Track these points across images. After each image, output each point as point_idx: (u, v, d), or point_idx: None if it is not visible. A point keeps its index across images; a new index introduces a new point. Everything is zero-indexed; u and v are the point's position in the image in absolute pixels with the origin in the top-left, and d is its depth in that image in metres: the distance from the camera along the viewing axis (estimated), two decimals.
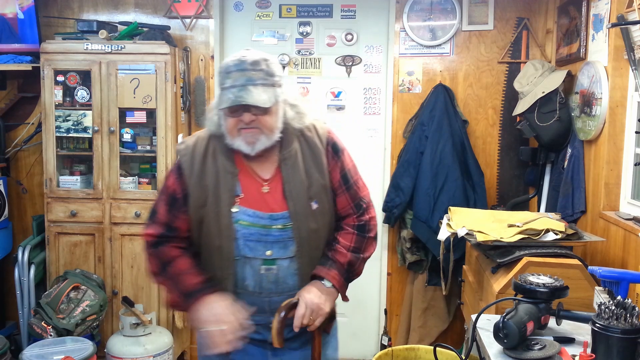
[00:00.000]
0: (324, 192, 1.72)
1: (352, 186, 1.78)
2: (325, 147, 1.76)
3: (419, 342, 3.41)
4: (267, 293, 1.70)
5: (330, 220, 1.76)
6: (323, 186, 1.71)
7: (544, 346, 1.48)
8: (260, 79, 1.61)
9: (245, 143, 1.64)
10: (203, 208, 1.68)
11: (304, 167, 1.70)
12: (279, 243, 1.68)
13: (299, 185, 1.68)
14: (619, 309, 1.40)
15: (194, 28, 3.67)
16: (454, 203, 3.14)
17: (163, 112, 3.34)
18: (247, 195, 1.68)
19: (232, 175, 1.68)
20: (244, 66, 1.61)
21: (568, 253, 2.21)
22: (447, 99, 3.45)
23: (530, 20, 3.47)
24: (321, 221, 1.71)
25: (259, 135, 1.64)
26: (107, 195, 3.41)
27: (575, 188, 2.79)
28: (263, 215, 1.67)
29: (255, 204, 1.68)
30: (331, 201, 1.75)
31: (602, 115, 2.56)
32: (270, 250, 1.68)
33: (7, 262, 3.65)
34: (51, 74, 3.37)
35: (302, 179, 1.69)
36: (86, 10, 3.70)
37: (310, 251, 1.71)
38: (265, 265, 1.68)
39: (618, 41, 2.45)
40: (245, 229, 1.67)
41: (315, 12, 3.69)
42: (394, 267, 3.72)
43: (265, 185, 1.70)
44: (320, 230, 1.72)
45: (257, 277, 1.69)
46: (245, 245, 1.67)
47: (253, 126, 1.63)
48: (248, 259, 1.68)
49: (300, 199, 1.68)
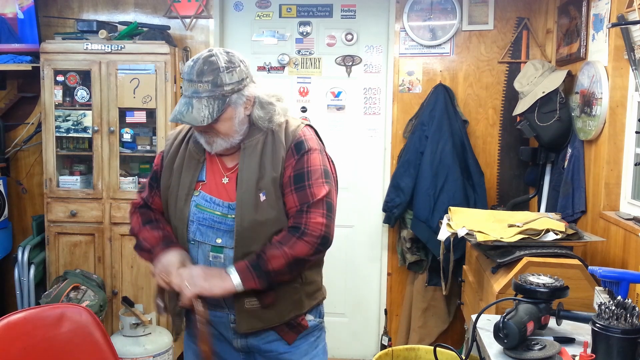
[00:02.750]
0: (273, 185, 1.66)
1: (305, 189, 1.67)
2: (290, 144, 1.70)
3: (419, 342, 3.40)
4: None
5: (278, 216, 1.66)
6: (273, 179, 1.66)
7: (544, 346, 1.48)
8: (206, 91, 1.59)
9: (205, 142, 1.69)
10: (168, 189, 1.75)
11: (259, 159, 1.67)
12: (230, 232, 1.67)
13: (251, 175, 1.66)
14: (619, 309, 1.40)
15: (194, 28, 3.67)
16: (454, 203, 3.14)
17: (163, 112, 3.34)
18: (210, 182, 1.72)
19: (196, 162, 1.73)
20: (192, 77, 1.60)
21: (568, 253, 2.21)
22: (447, 99, 3.45)
23: (530, 20, 3.47)
24: (267, 214, 1.64)
25: (215, 138, 1.67)
26: (107, 195, 3.41)
27: (576, 188, 2.79)
28: (221, 203, 1.68)
29: (215, 191, 1.70)
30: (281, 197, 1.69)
31: (602, 115, 2.56)
32: (220, 239, 1.68)
33: (7, 262, 3.64)
34: (51, 74, 3.37)
35: (255, 170, 1.66)
36: (86, 10, 3.70)
37: (251, 244, 1.64)
38: (213, 252, 1.69)
39: (618, 41, 2.45)
40: (200, 213, 1.69)
41: (315, 12, 3.69)
42: (394, 267, 3.72)
43: (225, 175, 1.72)
44: (265, 224, 1.64)
45: (206, 264, 1.70)
46: (197, 230, 1.69)
47: (207, 131, 1.66)
48: (199, 243, 1.70)
49: (249, 189, 1.64)
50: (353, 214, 3.75)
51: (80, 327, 1.81)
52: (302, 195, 1.66)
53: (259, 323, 1.70)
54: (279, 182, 1.67)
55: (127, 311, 3.20)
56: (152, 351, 3.09)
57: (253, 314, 1.69)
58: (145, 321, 3.12)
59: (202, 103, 1.59)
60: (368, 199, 3.75)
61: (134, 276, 3.45)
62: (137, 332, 3.11)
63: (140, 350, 3.07)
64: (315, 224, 1.65)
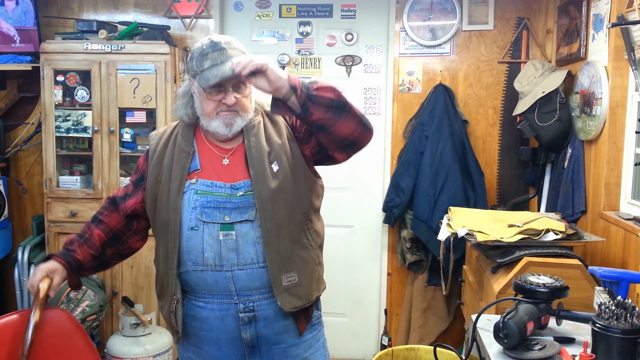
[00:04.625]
0: (284, 155, 1.71)
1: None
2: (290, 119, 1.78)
3: (419, 342, 3.41)
4: (228, 266, 1.66)
5: (293, 182, 1.70)
6: (282, 149, 1.71)
7: (544, 346, 1.48)
8: (238, 55, 1.62)
9: (224, 125, 1.68)
10: (158, 186, 1.74)
11: (264, 135, 1.72)
12: (238, 209, 1.66)
13: (260, 151, 1.69)
14: (619, 309, 1.40)
15: (194, 28, 3.67)
16: (454, 203, 3.14)
17: (163, 112, 3.34)
18: (207, 168, 1.72)
19: (186, 154, 1.73)
20: (220, 46, 1.63)
21: (568, 253, 2.21)
22: (447, 99, 3.45)
23: (530, 20, 3.47)
24: (283, 182, 1.68)
25: (236, 118, 1.68)
26: (107, 195, 3.40)
27: (576, 188, 2.79)
28: (223, 185, 1.69)
29: (214, 176, 1.70)
30: (295, 163, 1.72)
31: (602, 115, 2.56)
32: (228, 216, 1.66)
33: (7, 262, 3.64)
34: (51, 74, 3.37)
35: (263, 145, 1.70)
36: (86, 10, 3.70)
37: (274, 212, 1.65)
38: (223, 230, 1.65)
39: (618, 41, 2.45)
40: (203, 197, 1.68)
41: (315, 12, 3.69)
42: (394, 267, 3.72)
43: (225, 157, 1.73)
44: (283, 191, 1.67)
45: (216, 246, 1.65)
46: (202, 212, 1.67)
47: (232, 109, 1.66)
48: (205, 223, 1.66)
49: (262, 164, 1.67)
50: (353, 214, 3.75)
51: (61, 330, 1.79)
52: None
53: (299, 301, 1.70)
54: (290, 152, 1.72)
55: (127, 311, 3.20)
56: (152, 351, 3.09)
57: (292, 292, 1.69)
58: (145, 321, 3.12)
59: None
60: (368, 199, 3.75)
61: (134, 276, 3.45)
62: (137, 332, 3.11)
63: (140, 350, 3.07)
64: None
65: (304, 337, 1.79)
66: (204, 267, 1.67)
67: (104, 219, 1.84)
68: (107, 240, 1.83)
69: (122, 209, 1.83)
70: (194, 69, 1.66)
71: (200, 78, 1.63)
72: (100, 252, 1.82)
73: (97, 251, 1.81)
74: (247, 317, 1.70)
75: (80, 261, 1.79)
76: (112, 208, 1.85)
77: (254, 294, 1.69)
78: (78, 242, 1.80)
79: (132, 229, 1.86)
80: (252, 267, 1.67)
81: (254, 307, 1.70)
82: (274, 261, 1.65)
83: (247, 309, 1.69)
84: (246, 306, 1.69)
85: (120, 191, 1.88)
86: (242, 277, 1.67)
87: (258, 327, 1.72)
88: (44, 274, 1.72)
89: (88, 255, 1.80)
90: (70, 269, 1.76)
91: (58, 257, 1.77)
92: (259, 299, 1.70)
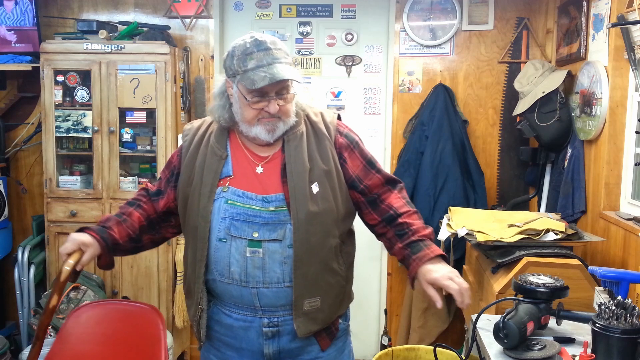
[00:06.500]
0: (326, 177, 1.64)
1: (381, 169, 1.78)
2: (335, 135, 1.72)
3: (419, 342, 3.40)
4: (254, 282, 1.60)
5: (334, 207, 1.65)
6: (325, 171, 1.64)
7: (544, 346, 1.48)
8: (283, 57, 1.58)
9: (266, 131, 1.62)
10: (189, 187, 1.68)
11: (306, 150, 1.64)
12: (267, 225, 1.60)
13: (300, 167, 1.61)
14: (619, 309, 1.40)
15: (193, 28, 3.67)
16: (454, 203, 3.14)
17: (163, 112, 3.34)
18: (239, 176, 1.65)
19: (218, 158, 1.66)
20: (266, 45, 1.56)
21: (568, 253, 2.21)
22: (447, 99, 3.45)
23: (530, 20, 3.47)
24: (322, 206, 1.61)
25: (279, 123, 1.62)
26: (107, 195, 3.41)
27: (576, 188, 2.79)
28: (255, 197, 1.62)
29: (246, 185, 1.63)
30: (337, 188, 1.67)
31: (602, 115, 2.55)
32: (257, 232, 1.60)
33: (7, 262, 3.64)
34: (51, 74, 3.37)
35: (304, 161, 1.62)
36: (86, 10, 3.70)
37: (308, 237, 1.59)
38: (250, 247, 1.60)
39: (618, 41, 2.45)
40: (233, 208, 1.61)
41: (315, 12, 3.69)
42: (394, 267, 3.71)
43: (260, 165, 1.66)
44: (320, 215, 1.61)
45: (242, 262, 1.60)
46: (231, 225, 1.61)
47: (275, 116, 1.60)
48: (234, 237, 1.60)
49: (301, 181, 1.60)
50: None
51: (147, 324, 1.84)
52: (384, 174, 1.78)
53: (315, 325, 1.66)
54: (334, 175, 1.67)
55: None
56: None
57: (311, 317, 1.64)
58: None
59: (284, 67, 1.57)
60: None
61: (134, 276, 3.45)
62: None
63: None
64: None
65: (327, 352, 1.75)
66: (230, 280, 1.63)
67: (143, 205, 1.77)
68: (146, 225, 1.76)
69: (155, 206, 1.78)
70: (235, 68, 1.58)
71: (244, 78, 1.56)
72: (138, 234, 1.75)
73: (135, 233, 1.73)
74: (271, 331, 1.66)
75: (117, 240, 1.69)
76: (149, 198, 1.79)
77: (278, 311, 1.65)
78: (115, 221, 1.71)
79: (169, 223, 1.80)
80: (277, 286, 1.62)
81: (278, 322, 1.66)
82: (300, 285, 1.61)
83: (271, 323, 1.65)
84: (270, 321, 1.65)
85: (153, 187, 1.82)
86: (267, 295, 1.62)
87: (281, 342, 1.67)
88: (76, 247, 1.61)
89: (126, 235, 1.71)
90: (106, 246, 1.66)
91: (93, 232, 1.65)
92: (283, 314, 1.65)
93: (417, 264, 1.64)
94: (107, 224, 1.70)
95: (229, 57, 1.62)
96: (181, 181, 1.71)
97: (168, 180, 1.78)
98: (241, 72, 1.57)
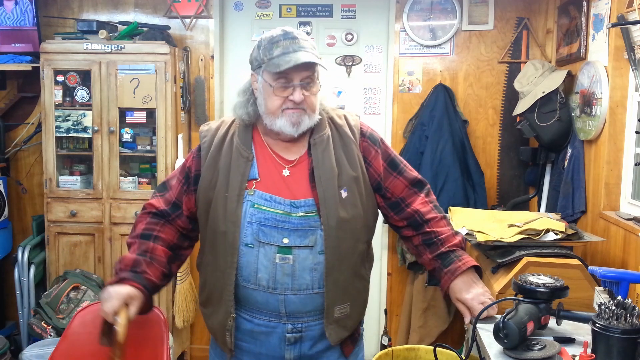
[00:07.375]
0: (355, 183, 1.61)
1: (404, 170, 1.76)
2: (359, 138, 1.71)
3: (419, 342, 3.40)
4: (282, 289, 1.57)
5: (362, 213, 1.63)
6: (353, 177, 1.61)
7: (544, 346, 1.47)
8: (310, 47, 1.57)
9: (290, 124, 1.57)
10: (213, 190, 1.62)
11: (334, 154, 1.61)
12: (297, 231, 1.56)
13: (329, 172, 1.58)
14: (619, 309, 1.39)
15: (193, 28, 3.67)
16: (454, 203, 3.14)
17: (163, 112, 3.34)
18: (265, 179, 1.60)
19: (245, 160, 1.61)
20: (293, 35, 1.56)
21: (568, 253, 2.21)
22: (447, 99, 3.45)
23: (530, 20, 3.47)
24: (351, 211, 1.59)
25: (304, 116, 1.58)
26: (107, 195, 3.41)
27: (576, 188, 2.79)
28: (282, 201, 1.57)
29: (273, 189, 1.59)
30: (365, 193, 1.64)
31: (602, 115, 2.55)
32: (287, 238, 1.55)
33: (7, 262, 3.64)
34: (51, 74, 3.37)
35: (332, 166, 1.59)
36: (86, 10, 3.70)
37: (339, 243, 1.56)
38: (280, 253, 1.55)
39: (618, 41, 2.45)
40: (260, 213, 1.56)
41: (315, 12, 3.69)
42: (394, 267, 3.71)
43: (286, 168, 1.62)
44: (350, 222, 1.58)
45: (271, 268, 1.55)
46: (259, 231, 1.56)
47: (299, 107, 1.56)
48: (262, 244, 1.56)
49: (330, 186, 1.57)
50: None
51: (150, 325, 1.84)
52: (407, 176, 1.76)
53: (345, 332, 1.65)
54: (362, 181, 1.64)
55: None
56: None
57: (341, 324, 1.63)
58: None
59: (311, 55, 1.55)
60: None
61: None
62: None
63: None
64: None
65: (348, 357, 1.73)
66: (256, 287, 1.58)
67: (159, 234, 1.67)
68: (172, 255, 1.69)
69: (176, 225, 1.70)
70: (261, 57, 1.56)
71: (269, 65, 1.54)
72: (168, 267, 1.67)
73: (166, 268, 1.65)
74: (294, 337, 1.63)
75: (155, 282, 1.62)
76: (163, 221, 1.69)
77: (304, 317, 1.62)
78: (145, 262, 1.61)
79: (189, 239, 1.74)
80: (306, 292, 1.59)
81: (302, 328, 1.63)
82: (331, 292, 1.58)
83: (295, 329, 1.62)
84: (294, 327, 1.62)
85: (160, 202, 1.70)
86: (295, 301, 1.59)
87: (303, 348, 1.65)
88: (122, 302, 1.52)
89: (160, 273, 1.63)
90: (148, 293, 1.59)
91: (133, 282, 1.56)
92: (308, 320, 1.63)
93: (449, 278, 1.64)
94: (139, 268, 1.60)
95: (255, 49, 1.61)
96: (202, 184, 1.65)
97: (183, 186, 1.70)
98: (267, 61, 1.55)
